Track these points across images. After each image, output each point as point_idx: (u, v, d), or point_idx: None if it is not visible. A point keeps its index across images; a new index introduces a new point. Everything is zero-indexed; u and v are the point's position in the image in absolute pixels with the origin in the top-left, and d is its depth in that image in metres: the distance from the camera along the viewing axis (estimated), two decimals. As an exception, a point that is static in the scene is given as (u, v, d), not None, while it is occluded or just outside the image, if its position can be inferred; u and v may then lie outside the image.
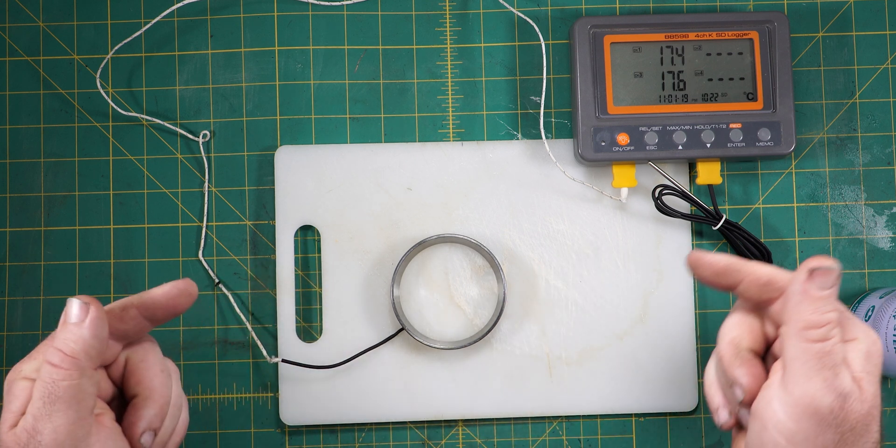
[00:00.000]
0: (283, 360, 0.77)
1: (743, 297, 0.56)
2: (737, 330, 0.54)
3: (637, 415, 0.78)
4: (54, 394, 0.50)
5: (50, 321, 0.78)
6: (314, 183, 0.78)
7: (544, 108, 0.80)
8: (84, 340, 0.51)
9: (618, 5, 0.81)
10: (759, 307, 0.56)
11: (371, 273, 0.78)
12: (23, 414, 0.51)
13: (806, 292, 0.50)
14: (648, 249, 0.78)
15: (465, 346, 0.76)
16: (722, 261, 0.56)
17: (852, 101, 0.80)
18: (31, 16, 0.81)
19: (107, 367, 0.55)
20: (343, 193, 0.78)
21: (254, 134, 0.80)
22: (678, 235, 0.79)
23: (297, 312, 0.78)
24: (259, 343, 0.78)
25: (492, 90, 0.80)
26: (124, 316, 0.55)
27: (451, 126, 0.80)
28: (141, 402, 0.54)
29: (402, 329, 0.77)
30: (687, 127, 0.77)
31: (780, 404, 0.51)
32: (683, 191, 0.77)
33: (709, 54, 0.77)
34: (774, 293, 0.54)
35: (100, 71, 0.79)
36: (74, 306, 0.51)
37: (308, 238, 0.79)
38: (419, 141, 0.80)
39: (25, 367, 0.53)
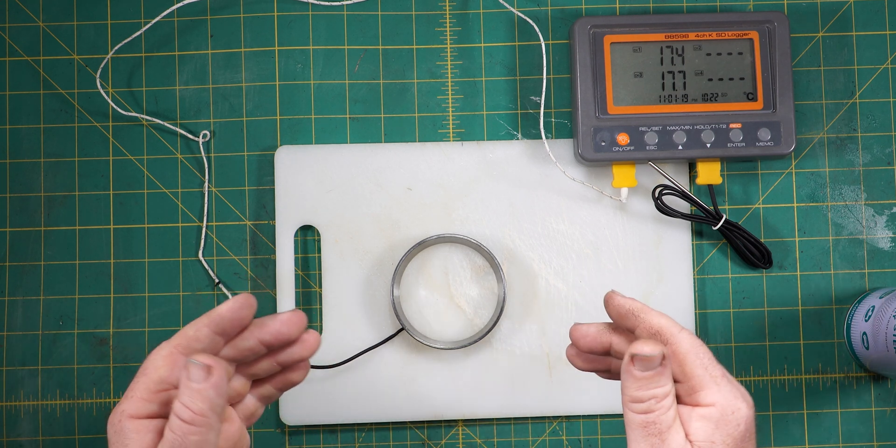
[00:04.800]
0: (283, 360, 0.77)
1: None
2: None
3: (637, 415, 0.78)
4: (183, 445, 0.54)
5: (50, 321, 0.78)
6: (314, 183, 0.78)
7: (544, 108, 0.80)
8: (210, 399, 0.55)
9: (618, 5, 0.81)
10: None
11: (371, 273, 0.78)
12: None
13: (629, 372, 0.55)
14: (648, 249, 0.78)
15: (465, 346, 0.76)
16: (626, 305, 0.59)
17: (852, 101, 0.80)
18: (31, 16, 0.81)
19: None
20: (343, 193, 0.78)
21: (254, 134, 0.80)
22: (678, 235, 0.79)
23: (297, 312, 0.78)
24: (259, 343, 0.78)
25: (492, 90, 0.80)
26: (199, 336, 0.58)
27: (451, 126, 0.80)
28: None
29: (402, 329, 0.77)
30: (687, 127, 0.77)
31: None
32: (683, 191, 0.77)
33: (709, 54, 0.77)
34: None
35: (100, 71, 0.79)
36: (196, 370, 0.55)
37: (308, 238, 0.79)
38: (419, 141, 0.80)
39: (128, 406, 0.56)
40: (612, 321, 0.60)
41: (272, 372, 0.61)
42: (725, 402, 0.55)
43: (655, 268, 0.78)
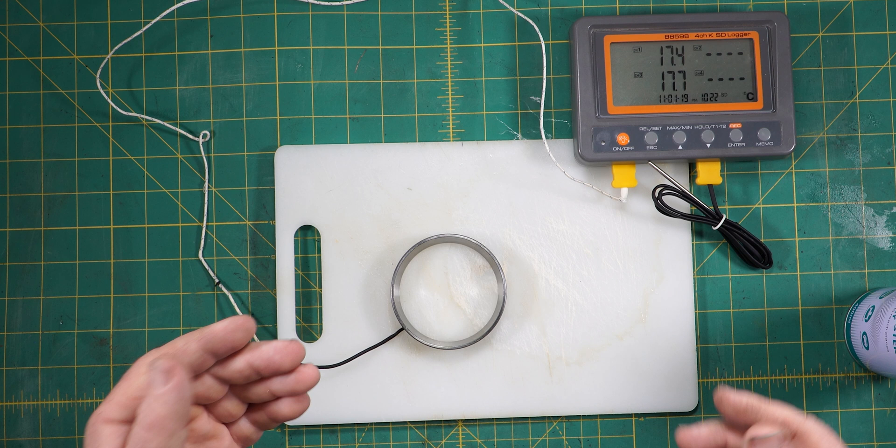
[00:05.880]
0: (283, 360, 0.77)
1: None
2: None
3: (637, 415, 0.78)
4: None
5: (50, 321, 0.78)
6: (314, 183, 0.78)
7: (544, 108, 0.80)
8: (169, 405, 0.53)
9: (618, 5, 0.81)
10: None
11: (371, 273, 0.78)
12: None
13: None
14: (648, 249, 0.78)
15: (465, 346, 0.76)
16: (744, 401, 0.59)
17: (852, 101, 0.80)
18: (31, 16, 0.81)
19: None
20: (343, 193, 0.78)
21: (254, 134, 0.80)
22: (678, 235, 0.79)
23: (297, 312, 0.78)
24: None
25: (492, 90, 0.80)
26: (188, 349, 0.56)
27: (451, 126, 0.80)
28: None
29: (402, 329, 0.77)
30: (687, 127, 0.77)
31: None
32: (683, 191, 0.77)
33: (709, 54, 0.77)
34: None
35: (100, 71, 0.80)
36: (156, 374, 0.53)
37: (308, 238, 0.79)
38: (419, 141, 0.80)
39: (105, 410, 0.55)
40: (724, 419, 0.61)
41: (266, 399, 0.60)
42: None
43: (655, 268, 0.78)
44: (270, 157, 0.80)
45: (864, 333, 0.74)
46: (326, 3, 0.80)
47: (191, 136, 0.80)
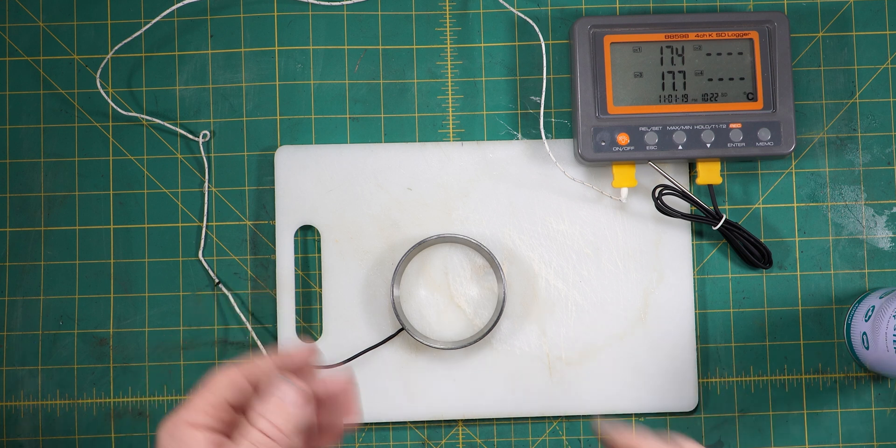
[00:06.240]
0: (283, 360, 0.77)
1: None
2: None
3: (637, 415, 0.78)
4: None
5: (50, 321, 0.78)
6: (314, 183, 0.78)
7: (544, 108, 0.80)
8: (297, 422, 0.56)
9: (618, 5, 0.81)
10: None
11: (371, 273, 0.78)
12: None
13: None
14: (648, 249, 0.78)
15: (465, 346, 0.76)
16: (623, 440, 0.60)
17: (852, 101, 0.80)
18: (31, 16, 0.81)
19: None
20: (343, 193, 0.78)
21: (254, 134, 0.80)
22: (678, 235, 0.79)
23: (297, 312, 0.78)
24: (259, 343, 0.78)
25: (492, 90, 0.80)
26: (263, 366, 0.59)
27: (451, 126, 0.80)
28: None
29: (402, 329, 0.77)
30: (687, 127, 0.77)
31: None
32: (683, 191, 0.77)
33: (709, 54, 0.77)
34: None
35: (100, 71, 0.80)
36: (294, 391, 0.56)
37: (308, 238, 0.79)
38: (419, 141, 0.80)
39: (190, 415, 0.57)
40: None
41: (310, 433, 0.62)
42: None
43: (655, 268, 0.78)
44: (270, 157, 0.80)
45: (864, 333, 0.74)
46: (326, 3, 0.80)
47: (191, 136, 0.80)
